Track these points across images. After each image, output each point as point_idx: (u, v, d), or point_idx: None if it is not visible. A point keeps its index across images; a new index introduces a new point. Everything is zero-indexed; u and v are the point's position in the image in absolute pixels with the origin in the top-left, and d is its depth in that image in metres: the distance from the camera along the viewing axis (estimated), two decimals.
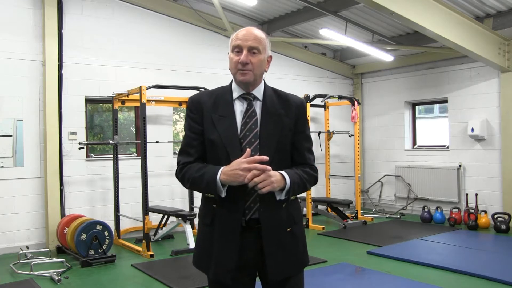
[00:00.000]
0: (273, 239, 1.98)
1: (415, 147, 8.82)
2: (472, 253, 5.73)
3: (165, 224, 6.63)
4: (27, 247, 5.96)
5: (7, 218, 6.07)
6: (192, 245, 5.83)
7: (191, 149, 2.04)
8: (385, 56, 8.09)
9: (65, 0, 6.46)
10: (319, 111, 8.80)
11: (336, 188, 9.17)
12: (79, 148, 6.43)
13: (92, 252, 5.44)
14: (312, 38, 8.57)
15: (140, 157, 5.89)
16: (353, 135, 8.38)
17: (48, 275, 4.88)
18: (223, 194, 1.92)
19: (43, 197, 6.29)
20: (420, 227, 7.41)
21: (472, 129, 7.50)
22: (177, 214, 6.26)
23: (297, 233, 2.08)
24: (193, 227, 6.72)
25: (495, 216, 6.93)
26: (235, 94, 2.05)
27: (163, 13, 7.32)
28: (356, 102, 7.97)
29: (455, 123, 7.97)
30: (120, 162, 6.64)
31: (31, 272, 4.99)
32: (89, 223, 5.49)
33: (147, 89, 5.92)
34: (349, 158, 9.35)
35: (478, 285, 4.52)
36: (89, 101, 6.86)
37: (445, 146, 8.23)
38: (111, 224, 6.21)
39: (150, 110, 6.85)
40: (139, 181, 6.00)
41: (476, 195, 7.52)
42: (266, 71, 2.08)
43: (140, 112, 5.88)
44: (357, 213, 8.04)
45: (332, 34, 7.28)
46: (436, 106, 8.90)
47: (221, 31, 7.66)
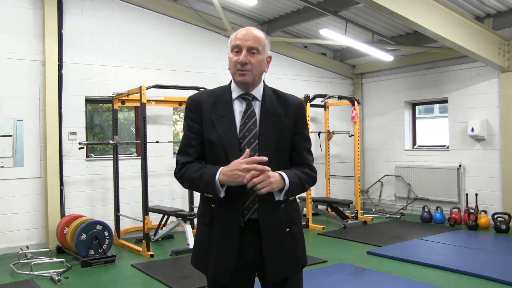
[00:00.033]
0: (272, 240, 1.98)
1: (415, 147, 8.82)
2: (472, 253, 5.73)
3: (165, 224, 6.64)
4: (27, 247, 5.96)
5: (7, 218, 6.07)
6: (192, 245, 5.83)
7: (190, 149, 2.03)
8: (385, 56, 8.09)
9: (65, 0, 6.46)
10: (319, 111, 8.80)
11: (336, 188, 9.17)
12: (79, 148, 6.43)
13: (92, 252, 5.44)
14: (312, 38, 8.57)
15: (140, 157, 5.90)
16: (353, 135, 8.38)
17: (48, 275, 4.89)
18: (222, 195, 1.92)
19: (43, 197, 6.29)
20: (420, 227, 7.41)
21: (472, 129, 7.50)
22: (177, 214, 6.26)
23: (296, 234, 2.08)
24: (193, 227, 6.71)
25: (495, 216, 6.93)
26: (235, 94, 2.04)
27: (163, 13, 7.32)
28: (356, 102, 7.96)
29: (455, 123, 7.97)
30: (120, 162, 6.64)
31: (31, 272, 5.00)
32: (89, 223, 5.50)
33: (147, 89, 5.92)
34: (349, 158, 9.35)
35: (478, 285, 4.52)
36: (89, 101, 6.86)
37: (445, 146, 8.22)
38: (111, 224, 6.22)
39: (150, 110, 6.85)
40: (139, 181, 6.00)
41: (476, 195, 7.52)
42: (266, 71, 2.08)
43: (140, 112, 5.88)
44: (357, 213, 8.03)
45: (332, 34, 7.28)
46: (436, 106, 8.90)
47: (221, 31, 7.66)
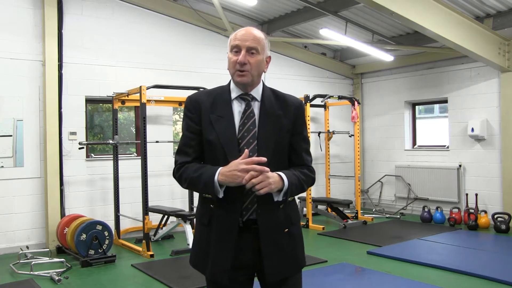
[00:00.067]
0: (271, 240, 1.98)
1: (415, 147, 8.82)
2: (472, 253, 5.73)
3: (165, 224, 6.64)
4: (27, 247, 5.97)
5: (7, 218, 6.08)
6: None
7: (189, 149, 2.03)
8: (385, 56, 8.09)
9: (65, 0, 6.46)
10: (319, 111, 8.80)
11: (336, 188, 9.17)
12: (79, 148, 6.44)
13: (92, 252, 5.44)
14: (312, 38, 8.57)
15: (140, 157, 5.90)
16: (353, 135, 8.38)
17: (48, 275, 4.89)
18: (221, 195, 1.91)
19: (43, 197, 6.29)
20: (420, 227, 7.41)
21: (472, 129, 7.49)
22: (177, 214, 6.26)
23: (295, 234, 2.08)
24: (193, 227, 6.70)
25: (495, 216, 6.93)
26: (233, 94, 2.04)
27: (163, 13, 7.32)
28: (356, 102, 7.96)
29: (455, 123, 7.97)
30: (120, 162, 6.64)
31: (31, 272, 5.00)
32: (89, 223, 5.50)
33: (147, 89, 5.92)
34: (349, 158, 9.35)
35: (478, 285, 4.52)
36: (89, 101, 6.86)
37: (445, 146, 8.22)
38: (111, 224, 6.22)
39: (150, 110, 6.85)
40: (139, 181, 6.01)
41: (476, 195, 7.52)
42: (265, 72, 2.07)
43: (140, 112, 5.88)
44: (357, 213, 8.03)
45: (332, 34, 7.28)
46: (436, 106, 8.89)
47: (221, 31, 7.66)
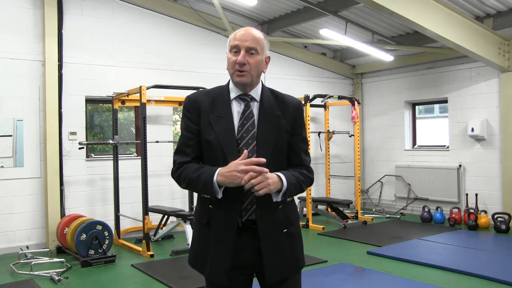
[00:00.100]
0: (270, 240, 1.98)
1: (415, 147, 8.81)
2: (472, 253, 5.73)
3: (165, 224, 6.64)
4: (27, 247, 5.97)
5: (7, 218, 6.08)
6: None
7: (188, 149, 2.03)
8: (385, 56, 8.09)
9: (65, 0, 6.47)
10: (319, 111, 8.80)
11: (336, 188, 9.17)
12: (79, 148, 6.44)
13: (92, 252, 5.44)
14: (312, 38, 8.57)
15: (140, 157, 5.90)
16: (353, 135, 8.38)
17: (48, 275, 4.89)
18: (220, 195, 1.91)
19: (43, 197, 6.30)
20: (420, 227, 7.41)
21: (472, 129, 7.49)
22: (177, 214, 6.26)
23: (294, 234, 2.08)
24: (193, 227, 6.71)
25: (495, 216, 6.93)
26: (233, 95, 2.04)
27: (163, 13, 7.32)
28: (356, 102, 7.96)
29: (455, 123, 7.96)
30: (120, 162, 6.64)
31: (31, 272, 5.00)
32: (89, 223, 5.50)
33: (147, 89, 5.92)
34: (349, 158, 9.35)
35: (478, 285, 4.52)
36: (89, 101, 6.86)
37: (445, 146, 8.22)
38: (111, 224, 6.22)
39: (150, 110, 6.85)
40: (139, 181, 6.01)
41: (476, 195, 7.52)
42: (264, 72, 2.07)
43: (140, 112, 5.88)
44: (357, 213, 8.03)
45: (332, 34, 7.28)
46: (436, 106, 8.89)
47: (221, 31, 7.66)
